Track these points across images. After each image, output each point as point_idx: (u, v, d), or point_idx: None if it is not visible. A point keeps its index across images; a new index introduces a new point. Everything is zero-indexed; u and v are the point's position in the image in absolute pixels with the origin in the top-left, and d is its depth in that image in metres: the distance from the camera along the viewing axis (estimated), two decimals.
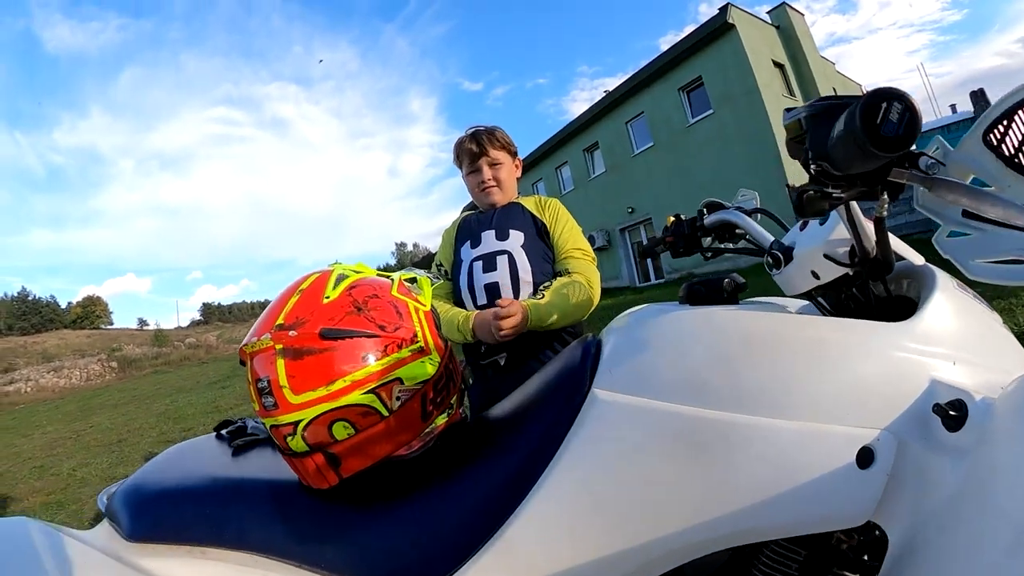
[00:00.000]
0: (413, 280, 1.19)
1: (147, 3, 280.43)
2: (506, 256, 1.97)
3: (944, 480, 0.77)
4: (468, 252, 2.03)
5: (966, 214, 0.83)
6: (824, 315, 1.05)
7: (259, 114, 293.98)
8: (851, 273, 0.98)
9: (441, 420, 1.07)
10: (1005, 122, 0.78)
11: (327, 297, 0.98)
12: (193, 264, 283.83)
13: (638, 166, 22.24)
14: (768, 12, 20.57)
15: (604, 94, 24.04)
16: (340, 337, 0.93)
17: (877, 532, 0.86)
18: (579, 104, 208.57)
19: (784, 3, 20.31)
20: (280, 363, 0.91)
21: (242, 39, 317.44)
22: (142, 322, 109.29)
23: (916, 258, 1.04)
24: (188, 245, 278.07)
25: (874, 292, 1.00)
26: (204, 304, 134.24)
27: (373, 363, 0.94)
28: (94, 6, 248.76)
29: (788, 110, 0.92)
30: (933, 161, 0.84)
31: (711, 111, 18.95)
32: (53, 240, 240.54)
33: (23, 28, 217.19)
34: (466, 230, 2.11)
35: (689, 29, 18.80)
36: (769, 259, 1.12)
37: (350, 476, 0.96)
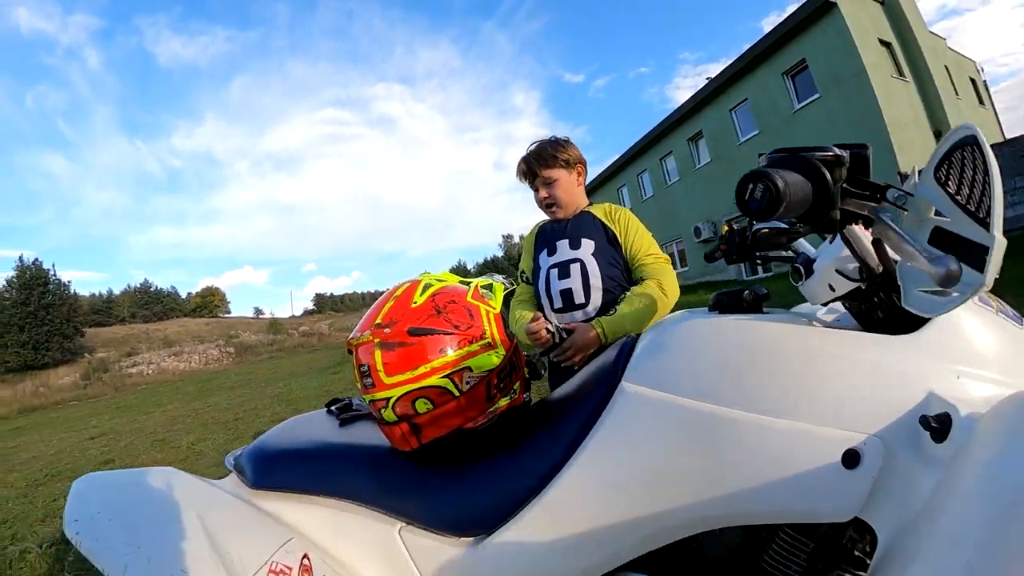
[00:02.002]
0: (488, 287, 1.59)
1: (252, 16, 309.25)
2: (578, 264, 2.36)
3: (925, 487, 0.94)
4: (545, 260, 2.47)
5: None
6: (856, 322, 1.22)
7: (367, 113, 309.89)
8: (862, 287, 1.16)
9: (504, 402, 1.46)
10: (949, 160, 0.94)
11: (415, 303, 1.41)
12: (307, 256, 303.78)
13: (744, 155, 22.80)
14: None
15: (706, 81, 24.86)
16: (424, 334, 1.35)
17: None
18: (682, 91, 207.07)
19: None
20: (377, 353, 1.35)
21: (346, 44, 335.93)
22: (258, 311, 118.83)
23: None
24: (302, 239, 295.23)
25: (887, 303, 1.15)
26: (317, 294, 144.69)
27: (449, 354, 1.35)
28: (201, 22, 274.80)
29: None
30: (900, 193, 1.04)
31: (817, 95, 19.46)
32: (174, 236, 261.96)
33: (135, 45, 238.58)
34: (543, 239, 2.54)
35: (791, 9, 19.63)
36: (792, 272, 1.33)
37: (428, 442, 1.38)
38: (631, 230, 2.41)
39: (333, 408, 1.75)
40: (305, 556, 1.25)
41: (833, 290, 1.21)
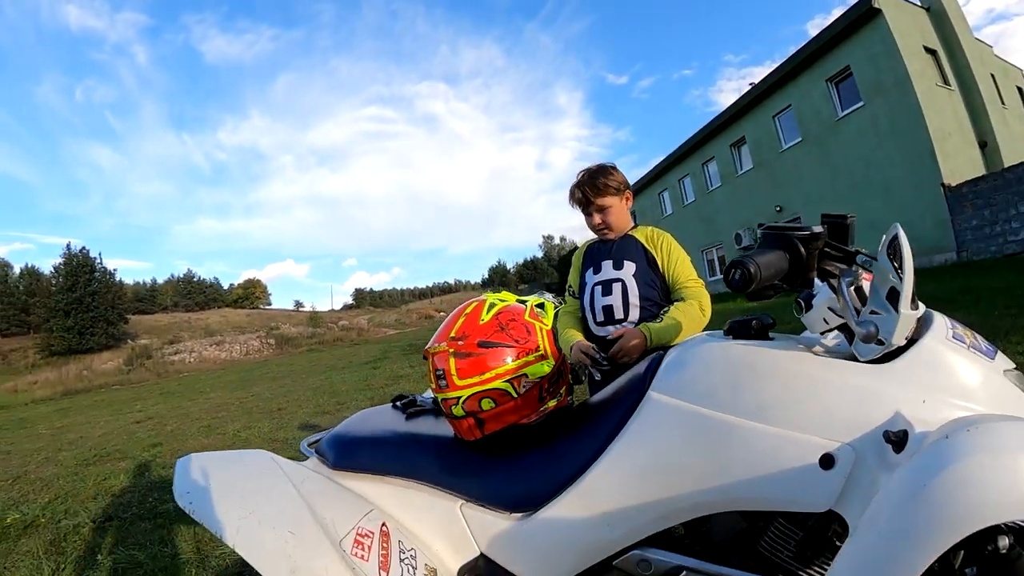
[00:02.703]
0: (541, 305, 1.93)
1: (296, 15, 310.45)
2: (620, 283, 2.62)
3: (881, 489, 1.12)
4: (591, 277, 2.72)
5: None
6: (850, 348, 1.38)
7: (410, 111, 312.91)
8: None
9: (552, 403, 1.76)
10: (893, 244, 1.27)
11: (482, 320, 1.73)
12: (348, 251, 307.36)
13: (786, 162, 23.07)
14: None
15: (750, 86, 24.91)
16: (490, 347, 1.67)
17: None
18: (726, 95, 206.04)
19: None
20: (452, 360, 1.66)
21: (389, 43, 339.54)
22: (298, 304, 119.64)
23: (915, 313, 1.31)
24: (344, 234, 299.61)
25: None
26: (356, 289, 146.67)
27: (509, 363, 1.67)
28: (247, 20, 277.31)
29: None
30: (867, 259, 1.32)
31: (861, 103, 19.38)
32: (218, 228, 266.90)
33: (182, 43, 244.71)
34: (590, 258, 2.79)
35: (837, 12, 19.43)
36: (795, 305, 1.47)
37: (490, 434, 1.69)
38: (672, 256, 2.64)
39: (399, 404, 2.07)
40: (383, 524, 1.57)
41: (827, 323, 1.42)
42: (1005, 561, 1.09)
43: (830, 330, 1.44)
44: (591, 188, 2.66)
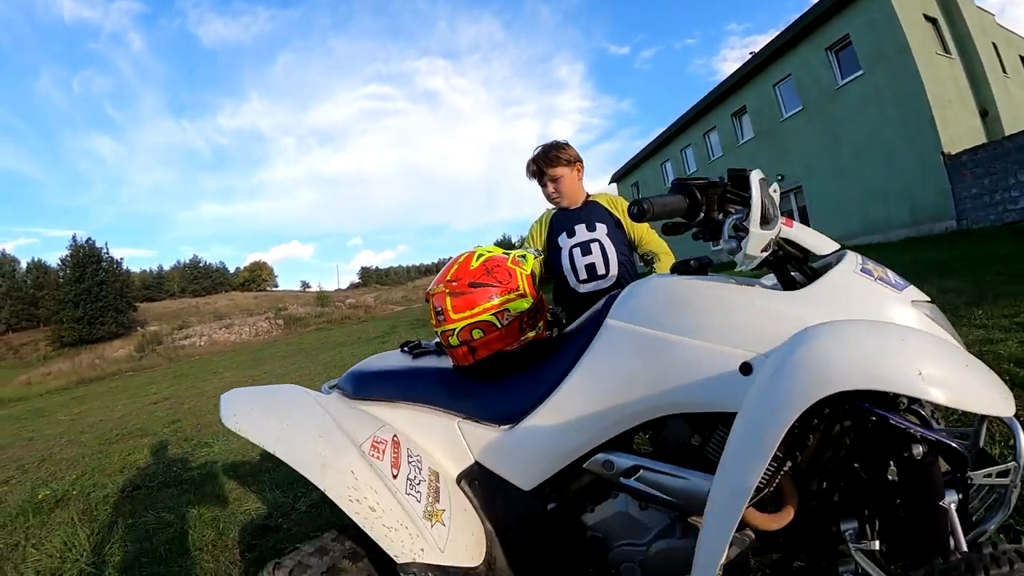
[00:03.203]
0: (523, 256, 2.15)
1: None
2: (598, 243, 3.03)
3: None
4: (566, 241, 3.08)
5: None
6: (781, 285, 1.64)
7: (410, 88, 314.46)
8: (771, 259, 1.58)
9: (531, 334, 2.03)
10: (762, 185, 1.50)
11: (472, 266, 2.01)
12: (353, 231, 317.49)
13: (787, 131, 23.37)
14: None
15: (750, 55, 25.13)
16: (478, 287, 1.95)
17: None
18: (729, 64, 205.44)
19: None
20: (448, 299, 1.95)
21: (388, 20, 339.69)
22: (304, 284, 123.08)
23: (825, 247, 1.68)
24: (349, 213, 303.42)
25: (799, 271, 1.65)
26: (362, 268, 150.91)
27: (495, 300, 1.94)
28: (243, 2, 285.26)
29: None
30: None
31: (861, 72, 19.54)
32: (221, 212, 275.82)
33: (178, 28, 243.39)
34: (559, 224, 3.14)
35: None
36: (697, 235, 1.71)
37: (479, 360, 1.97)
38: (627, 221, 3.14)
39: (406, 348, 2.35)
40: (395, 436, 1.85)
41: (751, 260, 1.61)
42: (921, 466, 1.35)
43: (762, 266, 1.63)
44: (544, 160, 3.06)
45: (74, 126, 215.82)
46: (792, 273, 1.66)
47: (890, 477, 1.44)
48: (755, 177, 1.48)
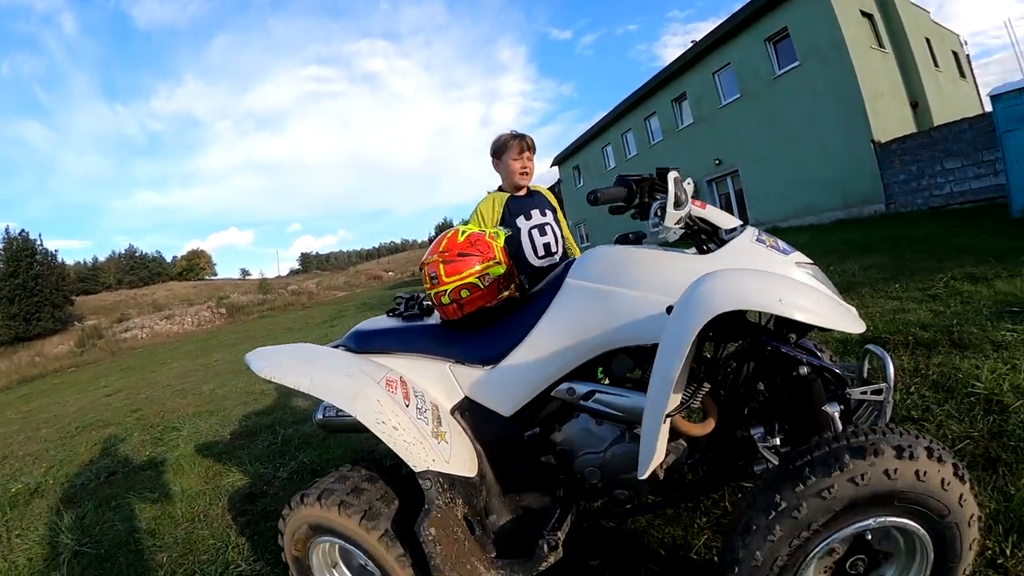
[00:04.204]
0: (497, 233, 2.56)
1: None
2: (549, 226, 3.62)
3: None
4: (524, 223, 3.58)
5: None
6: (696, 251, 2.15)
7: (350, 70, 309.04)
8: (688, 233, 2.09)
9: (505, 293, 2.42)
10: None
11: (459, 240, 2.40)
12: (293, 216, 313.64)
13: (725, 118, 24.11)
14: None
15: (692, 43, 25.69)
16: (465, 256, 2.34)
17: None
18: (671, 50, 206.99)
19: None
20: (441, 266, 2.33)
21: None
22: (244, 272, 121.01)
23: (730, 223, 2.18)
24: (288, 198, 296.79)
25: (706, 242, 2.16)
26: (303, 254, 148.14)
27: (477, 267, 2.32)
28: None
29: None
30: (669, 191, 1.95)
31: (797, 63, 20.37)
32: (157, 200, 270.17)
33: (112, 8, 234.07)
34: (516, 208, 3.60)
35: None
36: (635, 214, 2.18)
37: (466, 314, 2.36)
38: (558, 212, 3.81)
39: (398, 308, 2.79)
40: (402, 378, 2.28)
41: (676, 235, 2.09)
42: (805, 382, 1.93)
43: (682, 238, 2.15)
44: (531, 140, 3.67)
45: (1, 110, 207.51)
46: (707, 243, 2.17)
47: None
48: (670, 176, 1.96)
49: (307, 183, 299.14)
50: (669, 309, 1.84)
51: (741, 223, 2.21)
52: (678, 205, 1.95)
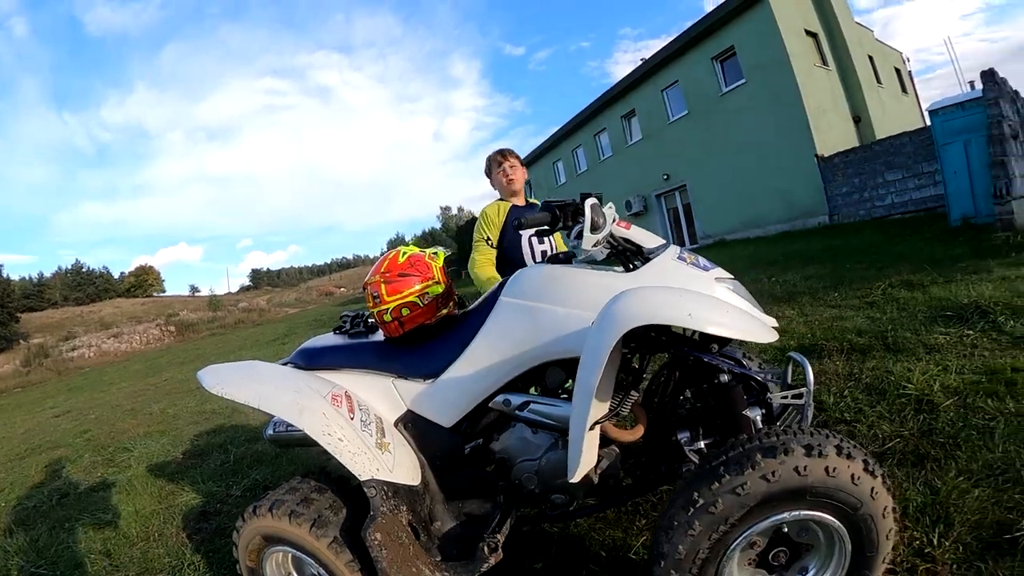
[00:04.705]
0: (435, 253, 2.65)
1: None
2: (547, 234, 4.00)
3: None
4: (526, 231, 3.82)
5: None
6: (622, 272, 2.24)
7: (304, 83, 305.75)
8: (613, 253, 2.22)
9: (444, 311, 2.56)
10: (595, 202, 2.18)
11: (399, 261, 2.52)
12: (243, 232, 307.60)
13: (673, 134, 24.43)
14: None
15: (641, 61, 25.97)
16: (405, 276, 2.46)
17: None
18: (622, 67, 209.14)
19: None
20: (383, 286, 2.45)
21: (283, 10, 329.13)
22: (194, 289, 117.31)
23: (654, 242, 2.28)
24: (238, 213, 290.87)
25: (632, 262, 2.25)
26: (253, 270, 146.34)
27: (417, 286, 2.45)
28: None
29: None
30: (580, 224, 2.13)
31: (743, 80, 20.92)
32: (105, 213, 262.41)
33: (65, 13, 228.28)
34: (517, 216, 3.66)
35: None
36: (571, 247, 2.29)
37: (407, 331, 2.48)
38: None
39: (343, 325, 2.85)
40: (347, 392, 2.34)
41: (603, 253, 2.22)
42: (728, 387, 2.06)
43: (609, 257, 2.28)
44: (510, 152, 4.14)
45: None
46: (632, 262, 2.27)
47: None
48: (587, 202, 2.10)
49: (258, 197, 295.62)
50: None
51: (664, 242, 2.34)
52: (595, 229, 2.10)
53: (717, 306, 1.86)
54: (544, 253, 3.91)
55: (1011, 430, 2.91)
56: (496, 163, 4.11)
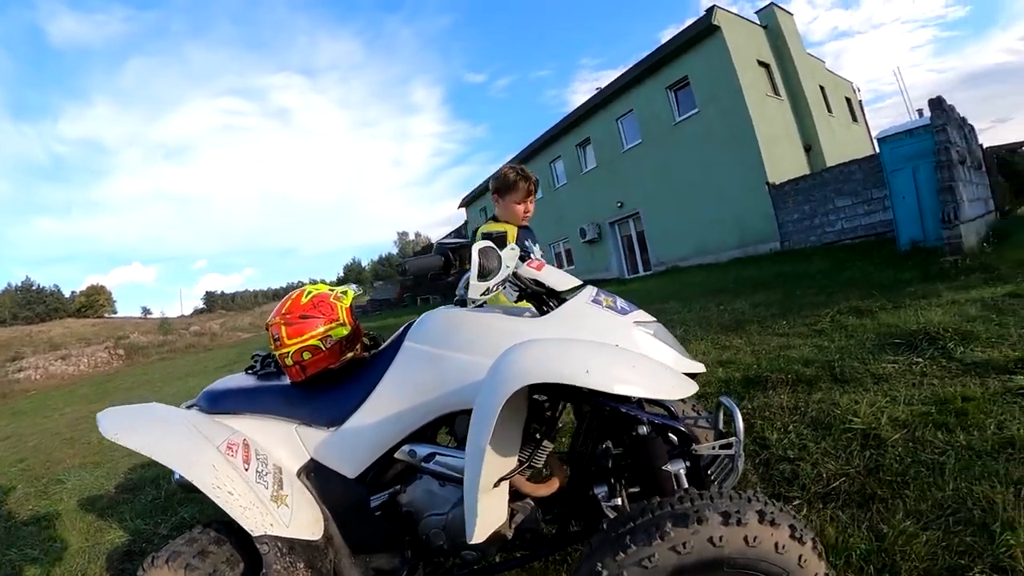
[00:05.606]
0: (344, 292, 2.51)
1: None
2: (544, 257, 3.66)
3: None
4: (535, 249, 3.77)
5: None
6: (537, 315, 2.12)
7: (264, 104, 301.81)
8: (526, 295, 2.18)
9: (350, 355, 2.40)
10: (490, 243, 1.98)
11: (302, 302, 2.37)
12: (199, 253, 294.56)
13: (628, 162, 24.76)
14: (756, 12, 22.84)
15: (596, 90, 26.36)
16: (307, 318, 2.32)
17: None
18: (580, 96, 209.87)
19: (772, 3, 22.52)
20: (283, 328, 2.30)
21: (247, 30, 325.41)
22: (146, 310, 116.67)
23: (568, 284, 2.18)
24: (194, 234, 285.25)
25: (544, 305, 2.14)
26: (207, 292, 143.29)
27: (320, 328, 2.31)
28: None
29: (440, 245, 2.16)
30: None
31: (697, 110, 21.27)
32: (58, 230, 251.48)
33: (28, 21, 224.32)
34: (521, 240, 3.67)
35: (690, 21, 20.86)
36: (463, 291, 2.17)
37: (310, 376, 2.33)
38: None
39: (249, 370, 2.70)
40: (245, 439, 2.17)
41: (512, 294, 2.23)
42: (646, 440, 1.90)
43: (522, 299, 2.26)
44: (536, 183, 3.79)
45: None
46: (547, 303, 2.15)
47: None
48: (475, 247, 1.92)
49: (215, 218, 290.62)
50: None
51: (581, 283, 2.22)
52: (483, 276, 1.93)
53: (621, 360, 1.71)
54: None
55: (962, 465, 2.77)
56: (524, 191, 3.72)
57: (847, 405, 3.76)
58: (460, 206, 43.65)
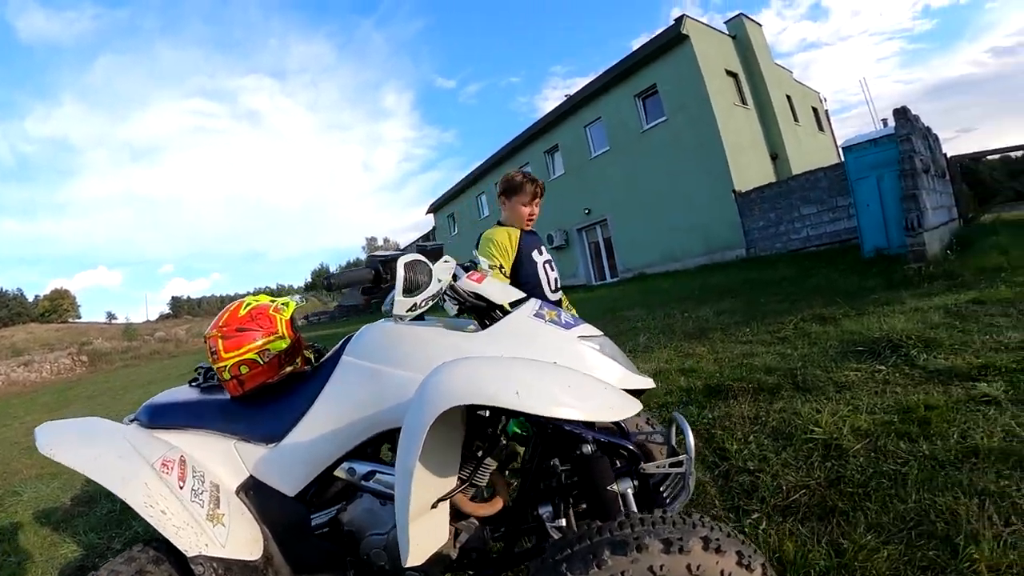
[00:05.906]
0: (285, 304, 2.46)
1: None
2: (551, 262, 3.72)
3: None
4: (539, 256, 3.64)
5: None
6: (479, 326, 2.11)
7: (234, 106, 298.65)
8: (465, 308, 2.11)
9: (289, 368, 2.33)
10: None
11: (240, 314, 2.31)
12: (165, 257, 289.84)
13: (595, 169, 24.80)
14: (725, 22, 23.14)
15: (565, 97, 26.55)
16: (244, 331, 2.25)
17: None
18: (550, 103, 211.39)
19: (741, 14, 22.85)
20: (220, 341, 2.22)
21: (218, 30, 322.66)
22: (111, 316, 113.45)
23: (510, 297, 2.15)
24: (161, 238, 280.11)
25: (486, 319, 2.10)
26: (173, 297, 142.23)
27: (258, 341, 2.24)
28: None
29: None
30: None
31: (664, 118, 21.40)
32: (21, 232, 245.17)
33: None
34: (529, 243, 3.63)
35: (659, 30, 21.28)
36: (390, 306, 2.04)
37: (248, 391, 2.26)
38: None
39: (193, 383, 2.64)
40: (182, 456, 2.12)
41: (452, 308, 2.14)
42: (591, 460, 1.81)
43: (463, 312, 2.17)
44: (543, 186, 3.71)
45: None
46: (490, 316, 2.11)
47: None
48: (400, 262, 1.89)
49: (182, 222, 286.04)
50: None
51: (524, 296, 2.20)
52: (410, 291, 1.90)
53: (557, 380, 1.61)
54: (555, 280, 3.72)
55: (925, 476, 2.71)
56: (529, 194, 3.65)
57: (808, 414, 3.71)
58: (428, 212, 43.26)
